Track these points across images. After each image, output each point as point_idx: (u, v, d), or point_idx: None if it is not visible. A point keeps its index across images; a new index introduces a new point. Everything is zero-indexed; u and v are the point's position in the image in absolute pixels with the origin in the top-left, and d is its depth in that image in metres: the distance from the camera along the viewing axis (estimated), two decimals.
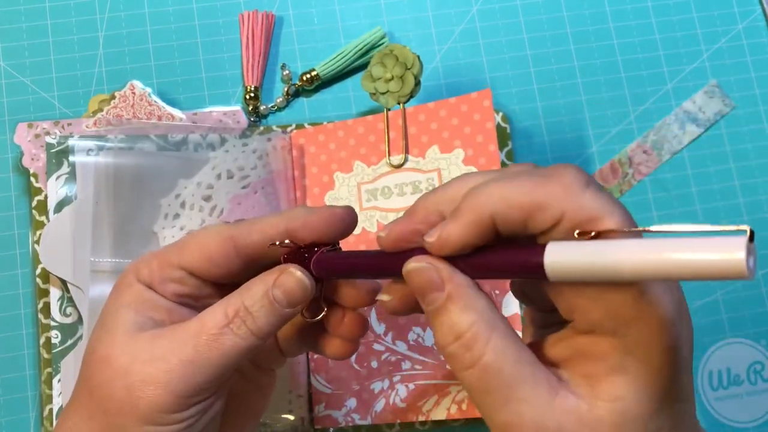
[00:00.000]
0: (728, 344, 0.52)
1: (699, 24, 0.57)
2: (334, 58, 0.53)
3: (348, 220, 0.34)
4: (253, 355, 0.35)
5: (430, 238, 0.29)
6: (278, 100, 0.54)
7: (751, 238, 0.22)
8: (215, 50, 0.55)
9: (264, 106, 0.53)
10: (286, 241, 0.33)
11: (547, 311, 0.32)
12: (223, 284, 0.35)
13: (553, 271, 0.26)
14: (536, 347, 0.30)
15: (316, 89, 0.54)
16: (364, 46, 0.53)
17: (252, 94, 0.53)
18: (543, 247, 0.26)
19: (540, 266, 0.26)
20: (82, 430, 0.32)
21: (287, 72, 0.54)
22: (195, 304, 0.35)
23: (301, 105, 0.54)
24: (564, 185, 0.27)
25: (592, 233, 0.26)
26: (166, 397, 0.31)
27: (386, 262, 0.31)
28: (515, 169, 0.30)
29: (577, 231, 0.26)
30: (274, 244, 0.33)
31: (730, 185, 0.54)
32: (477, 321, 0.28)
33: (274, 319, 0.33)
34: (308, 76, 0.53)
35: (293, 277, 0.33)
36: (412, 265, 0.29)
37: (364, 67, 0.54)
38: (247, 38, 0.54)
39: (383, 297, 0.33)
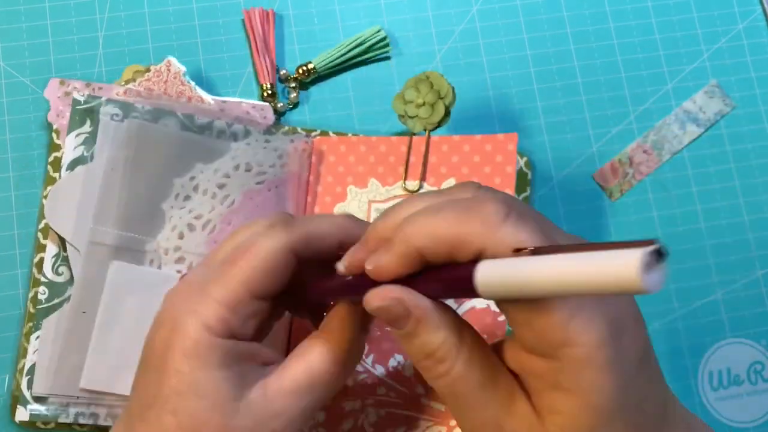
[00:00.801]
0: (728, 344, 0.52)
1: (699, 24, 0.57)
2: (330, 52, 0.54)
3: None
4: None
5: (369, 266, 0.31)
6: (292, 96, 0.54)
7: (659, 253, 0.21)
8: (215, 50, 0.55)
9: (281, 104, 0.53)
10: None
11: None
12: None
13: (482, 286, 0.27)
14: (499, 351, 0.32)
15: (313, 82, 0.54)
16: (359, 39, 0.53)
17: (270, 92, 0.53)
18: (474, 264, 0.27)
19: (470, 282, 0.27)
20: None
21: (284, 71, 0.54)
22: (262, 325, 0.36)
23: (302, 104, 0.54)
24: (483, 219, 0.28)
25: (527, 249, 0.26)
26: None
27: (358, 285, 0.33)
28: (447, 197, 0.31)
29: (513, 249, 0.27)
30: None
31: (730, 185, 0.54)
32: (446, 339, 0.30)
33: (365, 343, 0.37)
34: (304, 68, 0.53)
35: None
36: (376, 303, 0.31)
37: (362, 64, 0.54)
38: (255, 36, 0.54)
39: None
